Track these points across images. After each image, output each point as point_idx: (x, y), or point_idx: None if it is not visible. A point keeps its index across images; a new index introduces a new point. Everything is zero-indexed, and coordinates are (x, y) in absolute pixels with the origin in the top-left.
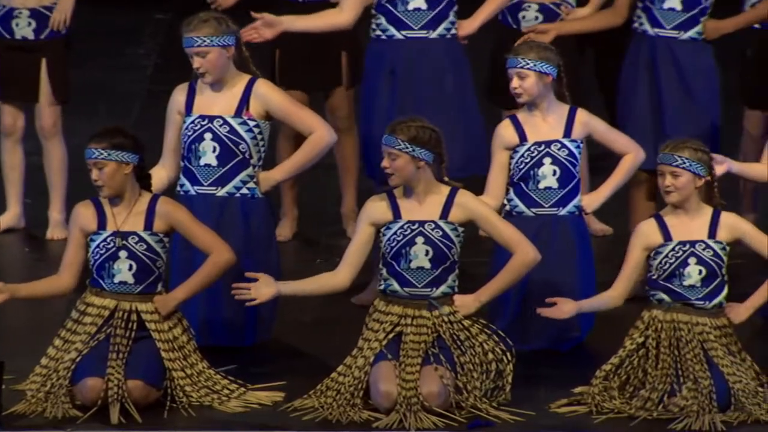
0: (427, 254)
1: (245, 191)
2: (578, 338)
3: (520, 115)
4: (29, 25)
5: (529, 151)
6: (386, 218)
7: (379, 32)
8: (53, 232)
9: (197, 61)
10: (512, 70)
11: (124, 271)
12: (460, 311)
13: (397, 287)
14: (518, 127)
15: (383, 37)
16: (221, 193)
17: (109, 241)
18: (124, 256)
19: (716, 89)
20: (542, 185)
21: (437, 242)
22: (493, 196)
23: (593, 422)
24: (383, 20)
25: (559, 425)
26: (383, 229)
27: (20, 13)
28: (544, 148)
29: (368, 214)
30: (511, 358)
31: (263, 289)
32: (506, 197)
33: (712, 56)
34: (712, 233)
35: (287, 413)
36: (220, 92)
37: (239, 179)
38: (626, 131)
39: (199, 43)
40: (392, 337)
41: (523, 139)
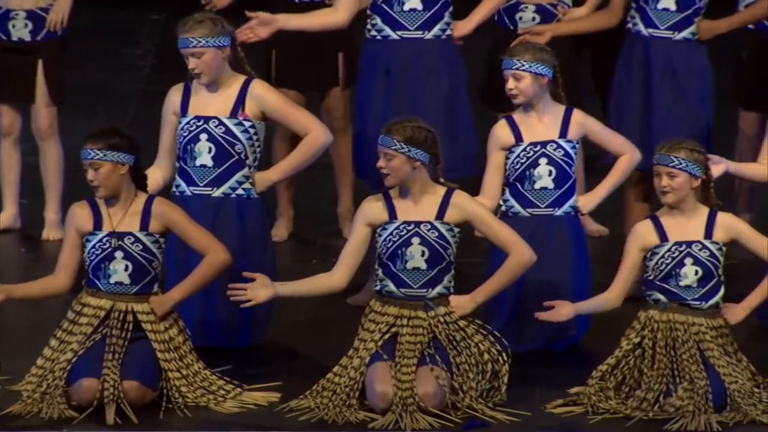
0: (423, 255)
1: (241, 192)
2: (574, 338)
3: (516, 115)
4: (26, 26)
5: (524, 151)
6: (382, 219)
7: (374, 32)
8: (49, 232)
9: (192, 61)
10: (508, 71)
11: (120, 271)
12: (455, 312)
13: (393, 288)
14: (514, 127)
15: (378, 37)
16: (217, 193)
17: (104, 241)
18: (120, 256)
19: (710, 89)
20: (538, 185)
21: (433, 243)
22: (488, 196)
23: (589, 423)
24: (379, 20)
25: (554, 426)
26: (379, 229)
27: (17, 14)
28: (539, 148)
29: (364, 214)
30: (506, 358)
31: (260, 290)
32: (502, 198)
33: (706, 57)
34: (708, 233)
35: (283, 414)
36: (215, 93)
37: (235, 180)
38: (618, 131)
39: (194, 43)
40: (388, 337)
41: (518, 139)
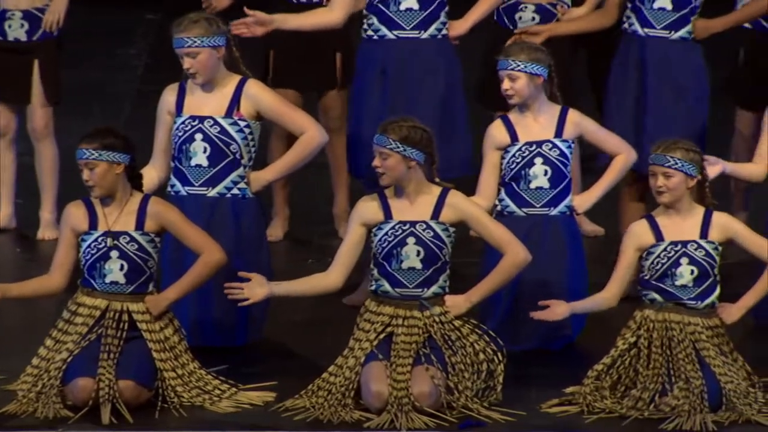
0: (418, 255)
1: (236, 192)
2: (569, 337)
3: (511, 115)
4: (22, 26)
5: (520, 151)
6: (377, 218)
7: (371, 32)
8: (44, 232)
9: (187, 61)
10: (503, 71)
11: (115, 271)
12: (451, 311)
13: (388, 288)
14: (509, 127)
15: (375, 37)
16: (212, 193)
17: (100, 241)
18: (115, 256)
19: (706, 89)
20: (533, 185)
21: (428, 243)
22: (484, 196)
23: (584, 422)
24: (375, 20)
25: (550, 425)
26: (374, 229)
27: (13, 14)
28: (535, 148)
29: (359, 214)
30: (502, 358)
31: (256, 289)
32: (497, 197)
33: (702, 56)
34: (704, 233)
35: (278, 413)
36: (210, 93)
37: (230, 180)
38: (613, 131)
39: (189, 43)
40: (383, 337)
41: (514, 139)
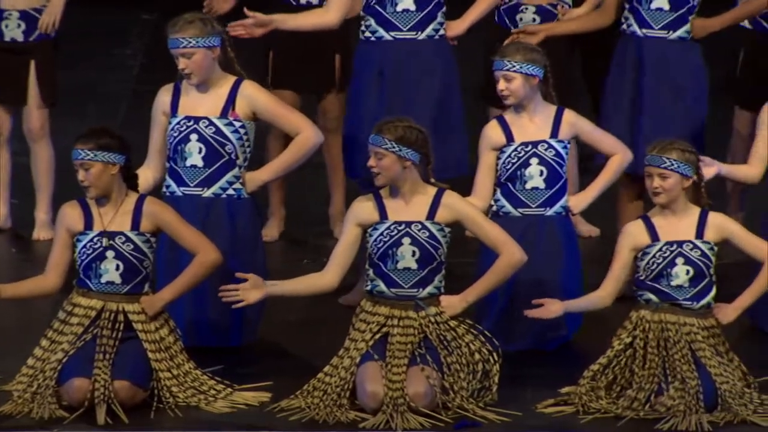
0: (413, 255)
1: (231, 192)
2: (565, 337)
3: (507, 115)
4: (18, 27)
5: (516, 151)
6: (373, 219)
7: (368, 33)
8: (40, 232)
9: (182, 62)
10: (498, 72)
11: (111, 271)
12: (446, 312)
13: (383, 288)
14: (505, 127)
15: (372, 38)
16: (207, 194)
17: (95, 241)
18: (111, 256)
19: (705, 89)
20: (529, 185)
21: (424, 243)
22: (480, 197)
23: (580, 422)
24: (372, 22)
25: (545, 425)
26: (370, 229)
27: (10, 14)
28: (531, 148)
29: (355, 214)
30: (497, 358)
31: (251, 290)
32: (493, 198)
33: (700, 55)
34: (699, 233)
35: (274, 413)
36: (205, 93)
37: (225, 180)
38: (608, 131)
39: (184, 44)
40: (379, 337)
41: (510, 139)
